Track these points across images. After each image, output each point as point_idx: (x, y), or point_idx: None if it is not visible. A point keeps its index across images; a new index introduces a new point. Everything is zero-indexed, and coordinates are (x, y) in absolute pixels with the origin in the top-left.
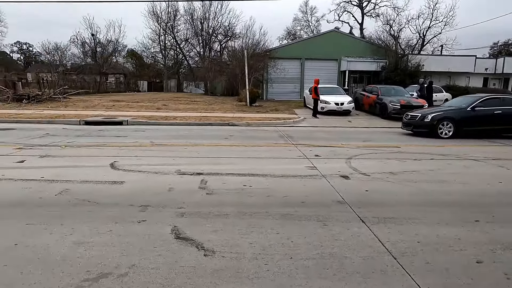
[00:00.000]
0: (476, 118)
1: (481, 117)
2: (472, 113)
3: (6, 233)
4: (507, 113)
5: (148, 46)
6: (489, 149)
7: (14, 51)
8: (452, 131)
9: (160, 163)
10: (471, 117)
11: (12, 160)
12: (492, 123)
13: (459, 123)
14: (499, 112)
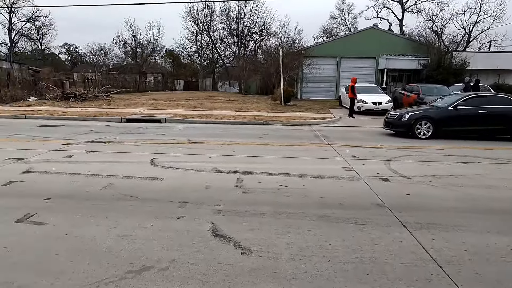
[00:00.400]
0: (458, 118)
1: (463, 117)
2: (453, 112)
3: (58, 223)
4: (493, 113)
5: (185, 46)
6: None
7: (62, 52)
8: (431, 131)
9: (197, 160)
10: (453, 117)
11: (62, 155)
12: (476, 124)
13: (439, 123)
14: (484, 111)
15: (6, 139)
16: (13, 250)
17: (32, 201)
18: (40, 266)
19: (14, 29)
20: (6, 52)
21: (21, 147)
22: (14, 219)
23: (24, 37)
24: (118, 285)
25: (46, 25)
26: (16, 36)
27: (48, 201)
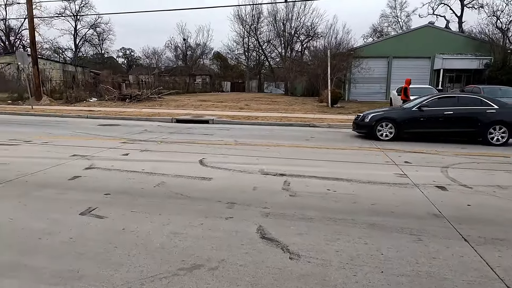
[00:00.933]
0: (422, 120)
1: (428, 118)
2: (417, 113)
3: (116, 218)
4: (460, 114)
5: (232, 48)
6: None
7: (119, 56)
8: (393, 133)
9: (244, 162)
10: (416, 118)
11: (119, 152)
12: (441, 126)
13: (401, 124)
14: (450, 113)
15: (71, 137)
16: (77, 241)
17: (94, 195)
18: (101, 258)
19: (78, 35)
20: (71, 57)
21: (84, 145)
22: (78, 212)
23: (86, 43)
24: (171, 281)
25: (106, 31)
26: (80, 41)
27: (107, 196)
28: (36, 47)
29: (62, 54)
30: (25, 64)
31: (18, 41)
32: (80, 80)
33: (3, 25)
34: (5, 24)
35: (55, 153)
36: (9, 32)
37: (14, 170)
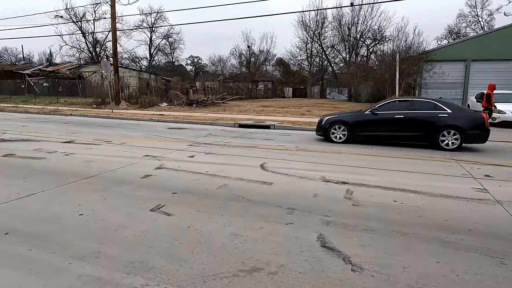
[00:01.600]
0: (374, 123)
1: (379, 121)
2: (370, 117)
3: (182, 216)
4: (409, 118)
5: (295, 54)
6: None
7: (188, 63)
8: (346, 135)
9: (305, 168)
10: (368, 121)
11: (186, 154)
12: (393, 129)
13: (353, 127)
14: (400, 116)
15: (144, 139)
16: (148, 235)
17: (163, 193)
18: (168, 252)
19: (153, 45)
20: (146, 65)
21: (155, 146)
22: (149, 208)
23: (160, 52)
24: (232, 282)
25: (177, 40)
26: (154, 51)
27: (174, 195)
28: (117, 57)
29: (138, 63)
30: (108, 72)
31: (102, 52)
32: (153, 87)
33: (91, 38)
34: (93, 37)
35: (130, 153)
36: (95, 44)
37: (97, 167)
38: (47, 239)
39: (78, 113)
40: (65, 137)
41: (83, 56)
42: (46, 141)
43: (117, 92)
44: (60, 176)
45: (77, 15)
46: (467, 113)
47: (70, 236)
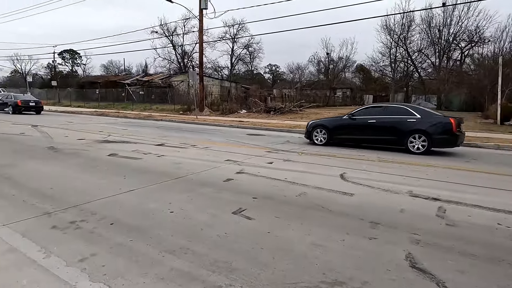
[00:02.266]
0: (351, 127)
1: (355, 126)
2: (348, 121)
3: (262, 221)
4: (381, 123)
5: (377, 60)
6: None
7: (266, 72)
8: (326, 138)
9: (389, 180)
10: (346, 126)
11: (264, 160)
12: (367, 133)
13: (332, 131)
14: (373, 121)
15: (225, 144)
16: (230, 237)
17: (244, 197)
18: (250, 255)
19: (234, 55)
20: (227, 74)
21: (235, 151)
22: (231, 211)
23: (240, 61)
24: None
25: (257, 50)
26: (235, 60)
27: (255, 200)
28: (202, 66)
29: (220, 72)
30: (194, 81)
31: (189, 63)
32: (233, 94)
33: (180, 50)
34: (182, 49)
35: (213, 157)
36: (183, 56)
37: (184, 169)
38: (144, 232)
39: (167, 119)
40: (157, 140)
41: (172, 66)
42: (141, 143)
43: (201, 100)
44: (153, 175)
45: (169, 30)
46: (435, 118)
47: (163, 232)
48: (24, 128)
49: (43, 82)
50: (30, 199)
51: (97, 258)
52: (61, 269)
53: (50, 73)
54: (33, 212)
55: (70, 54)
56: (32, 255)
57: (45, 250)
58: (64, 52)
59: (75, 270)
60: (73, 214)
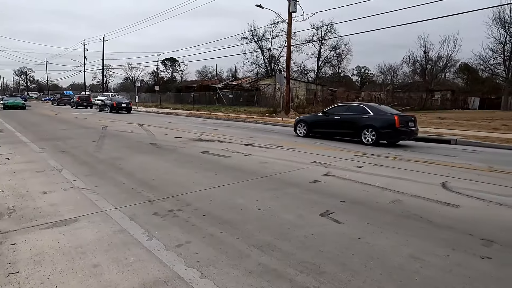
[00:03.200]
0: (324, 122)
1: (327, 121)
2: (322, 117)
3: (352, 225)
4: (344, 119)
5: (486, 58)
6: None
7: (354, 74)
8: (306, 131)
9: (503, 193)
10: (320, 121)
11: (352, 164)
12: (334, 127)
13: (310, 125)
14: (338, 118)
15: (310, 146)
16: (318, 239)
17: (331, 200)
18: (339, 260)
19: (321, 58)
20: (313, 77)
21: (321, 154)
22: (318, 212)
23: (327, 64)
24: None
25: (345, 51)
26: (322, 63)
27: (343, 204)
28: (289, 69)
29: (306, 75)
30: (281, 83)
31: (276, 67)
32: (319, 97)
33: (267, 55)
34: (269, 53)
35: (298, 158)
36: (271, 60)
37: (271, 168)
38: (233, 225)
39: (254, 121)
40: (245, 140)
41: (260, 70)
42: (231, 142)
43: (287, 102)
44: (241, 173)
45: (258, 35)
46: (383, 115)
47: (250, 226)
48: (132, 126)
49: (148, 87)
50: (137, 188)
51: (191, 246)
52: (161, 252)
53: (154, 79)
54: (139, 199)
55: (170, 62)
56: (137, 236)
57: (148, 233)
58: (166, 60)
59: (172, 254)
60: (171, 204)
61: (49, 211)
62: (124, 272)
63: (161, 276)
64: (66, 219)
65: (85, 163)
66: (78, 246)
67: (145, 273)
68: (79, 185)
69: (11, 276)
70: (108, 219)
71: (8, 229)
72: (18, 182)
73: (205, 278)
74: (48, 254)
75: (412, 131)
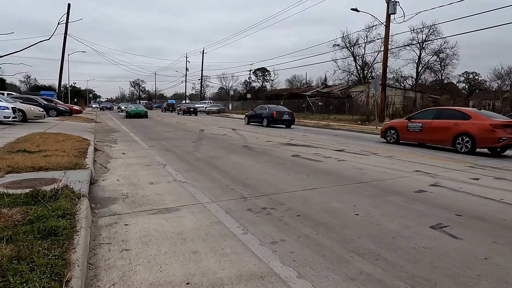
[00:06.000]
0: (254, 116)
1: (255, 116)
2: (252, 113)
3: (474, 243)
4: (258, 114)
5: None
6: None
7: (460, 81)
8: (248, 122)
9: None
10: (252, 115)
11: (466, 176)
12: (257, 120)
13: (249, 118)
14: (255, 113)
15: (411, 154)
16: (430, 253)
17: (442, 212)
18: (460, 280)
19: (421, 63)
20: (410, 84)
21: (424, 163)
22: (428, 224)
23: (428, 70)
24: None
25: (450, 56)
26: (422, 69)
27: (458, 218)
28: (386, 75)
29: (402, 82)
30: (376, 89)
31: (369, 74)
32: (419, 105)
33: (360, 62)
34: (362, 60)
35: (398, 166)
36: (363, 66)
37: (368, 174)
38: (329, 228)
39: (345, 128)
40: (336, 146)
41: (351, 78)
42: (321, 148)
43: (382, 110)
44: (335, 177)
45: (351, 41)
46: (271, 109)
47: (349, 232)
48: (226, 130)
49: (240, 95)
50: (231, 185)
51: (286, 244)
52: (256, 247)
53: (245, 88)
54: (233, 195)
55: (261, 72)
56: (233, 230)
57: (243, 227)
58: (257, 70)
59: (267, 250)
60: (264, 202)
61: (155, 199)
62: (221, 262)
63: (256, 270)
64: (169, 207)
65: (185, 160)
66: (179, 233)
67: (241, 265)
68: (180, 179)
69: (124, 252)
70: (205, 210)
71: (122, 211)
72: (131, 173)
73: (302, 279)
74: (154, 237)
75: (288, 120)
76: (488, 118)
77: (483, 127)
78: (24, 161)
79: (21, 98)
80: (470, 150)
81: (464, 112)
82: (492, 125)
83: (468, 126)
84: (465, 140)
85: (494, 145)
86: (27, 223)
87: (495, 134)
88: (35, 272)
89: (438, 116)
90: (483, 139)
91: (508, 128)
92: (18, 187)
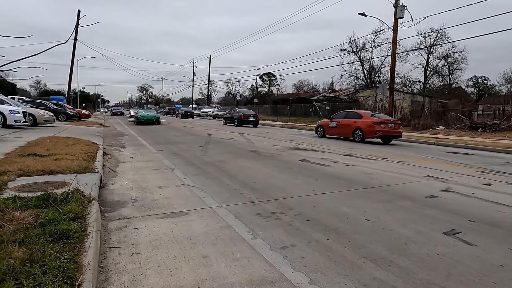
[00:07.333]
0: (243, 119)
1: (229, 117)
2: (228, 115)
3: (489, 250)
4: (247, 116)
5: None
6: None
7: (468, 85)
8: (236, 123)
9: None
10: (228, 118)
11: (478, 181)
12: (231, 120)
13: (225, 119)
14: (248, 117)
15: (421, 159)
16: (444, 259)
17: (455, 218)
18: None
19: (429, 68)
20: (418, 88)
21: (435, 168)
22: (441, 230)
23: (436, 74)
24: None
25: (458, 60)
26: (430, 73)
27: (472, 224)
28: (394, 79)
29: (410, 87)
30: (384, 93)
31: (376, 78)
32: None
33: (367, 66)
34: (369, 64)
35: (408, 171)
36: (370, 71)
37: (377, 179)
38: (340, 234)
39: None
40: (345, 151)
41: (358, 83)
42: (329, 152)
43: (390, 114)
44: (344, 182)
45: (358, 46)
46: (240, 112)
47: (360, 237)
48: (233, 135)
49: (246, 100)
50: (239, 189)
51: (296, 250)
52: (266, 251)
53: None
54: (242, 200)
55: (268, 76)
56: (242, 234)
57: (253, 232)
58: (264, 75)
59: (277, 255)
60: (273, 206)
61: (164, 203)
62: (231, 267)
63: (267, 275)
64: (178, 211)
65: (193, 165)
66: (189, 237)
67: (252, 270)
68: (188, 183)
69: (134, 256)
70: (214, 215)
71: (132, 215)
72: (139, 177)
73: (314, 285)
74: (163, 241)
75: (254, 121)
76: (372, 118)
77: (368, 124)
78: (34, 164)
79: (32, 103)
80: (361, 139)
81: (359, 114)
82: (373, 122)
83: (360, 123)
84: (358, 133)
85: (374, 136)
86: (39, 226)
87: (374, 128)
88: (47, 275)
89: (346, 117)
90: (367, 131)
91: (382, 124)
92: (30, 190)
